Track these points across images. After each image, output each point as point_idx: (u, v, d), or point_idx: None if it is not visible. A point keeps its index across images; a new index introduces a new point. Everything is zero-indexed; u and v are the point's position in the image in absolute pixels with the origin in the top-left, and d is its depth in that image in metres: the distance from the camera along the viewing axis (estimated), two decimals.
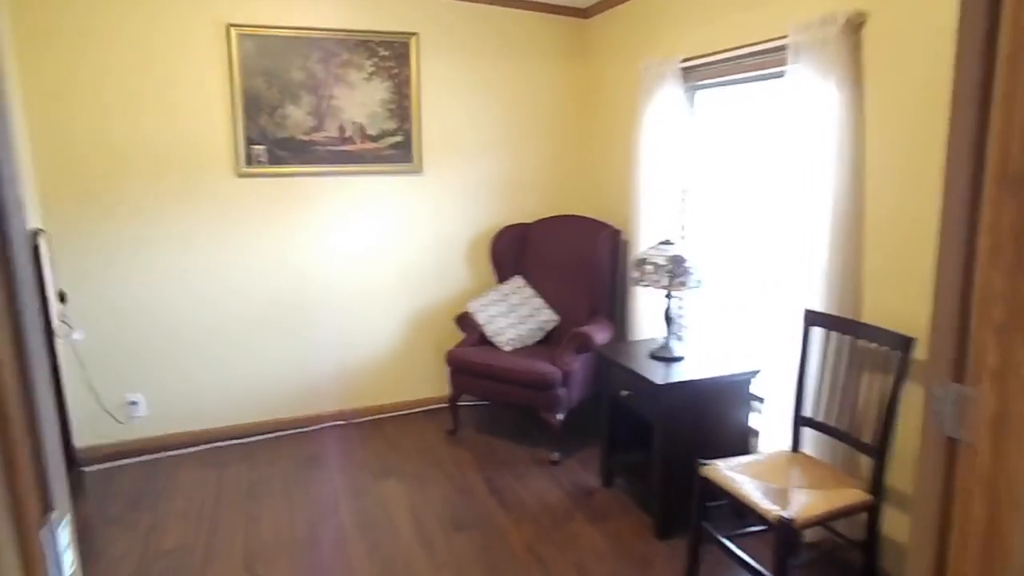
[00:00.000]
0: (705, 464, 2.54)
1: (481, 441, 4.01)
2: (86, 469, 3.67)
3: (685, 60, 3.40)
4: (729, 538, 2.52)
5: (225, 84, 3.77)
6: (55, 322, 3.40)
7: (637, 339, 3.78)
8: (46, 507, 0.83)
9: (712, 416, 2.97)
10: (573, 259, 4.16)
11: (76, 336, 3.64)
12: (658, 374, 2.91)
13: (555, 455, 3.72)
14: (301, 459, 3.80)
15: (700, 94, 3.56)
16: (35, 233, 3.29)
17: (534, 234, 4.38)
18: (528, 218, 4.49)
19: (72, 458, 3.55)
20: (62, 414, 3.46)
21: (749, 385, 3.02)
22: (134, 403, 3.88)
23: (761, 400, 3.07)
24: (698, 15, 3.38)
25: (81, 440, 3.75)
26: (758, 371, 3.00)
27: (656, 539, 2.97)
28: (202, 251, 3.88)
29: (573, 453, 3.82)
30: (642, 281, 3.06)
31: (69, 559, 0.85)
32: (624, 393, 3.14)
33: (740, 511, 2.92)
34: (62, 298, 3.56)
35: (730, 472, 2.50)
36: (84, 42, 3.52)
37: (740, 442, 3.04)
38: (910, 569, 1.21)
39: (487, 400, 3.92)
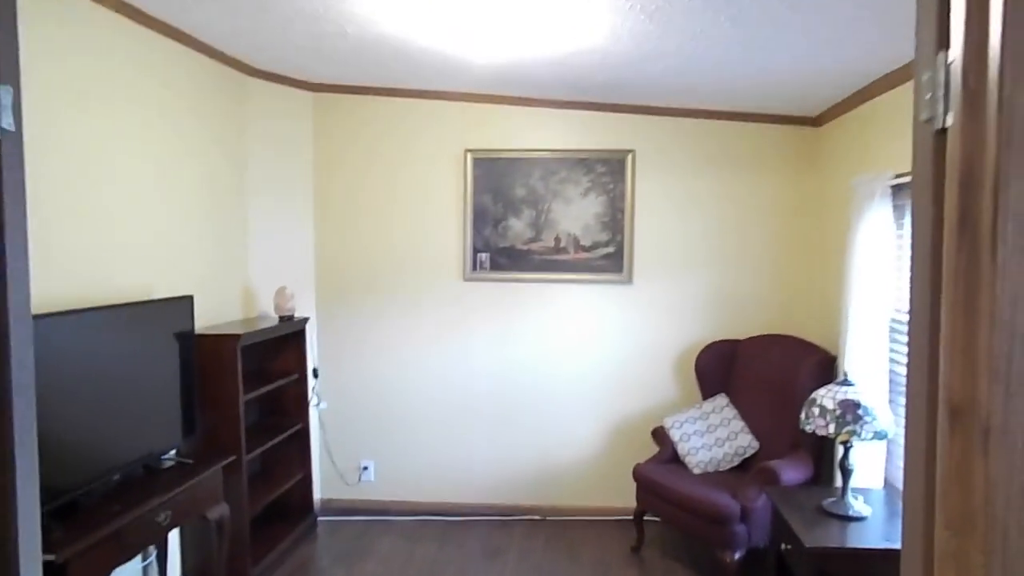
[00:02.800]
0: None
1: (660, 566, 3.82)
2: (320, 518, 4.36)
3: (898, 176, 3.03)
4: None
5: (459, 201, 4.35)
6: (309, 393, 4.18)
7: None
8: None
9: None
10: (780, 383, 3.82)
11: (322, 406, 4.41)
12: (814, 532, 2.55)
13: None
14: (485, 549, 4.02)
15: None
16: (303, 320, 4.13)
17: (743, 352, 4.13)
18: (740, 334, 4.25)
19: (311, 508, 4.25)
20: (307, 469, 4.20)
21: None
22: (365, 468, 4.52)
23: None
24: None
25: (320, 493, 4.47)
26: None
27: None
28: (431, 344, 4.44)
29: None
30: (807, 423, 2.73)
31: None
32: (784, 547, 2.80)
33: None
34: (315, 374, 4.36)
35: None
36: (356, 166, 4.39)
37: None
38: None
39: (667, 523, 3.74)
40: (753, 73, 3.36)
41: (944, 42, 0.87)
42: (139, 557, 3.25)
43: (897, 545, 2.51)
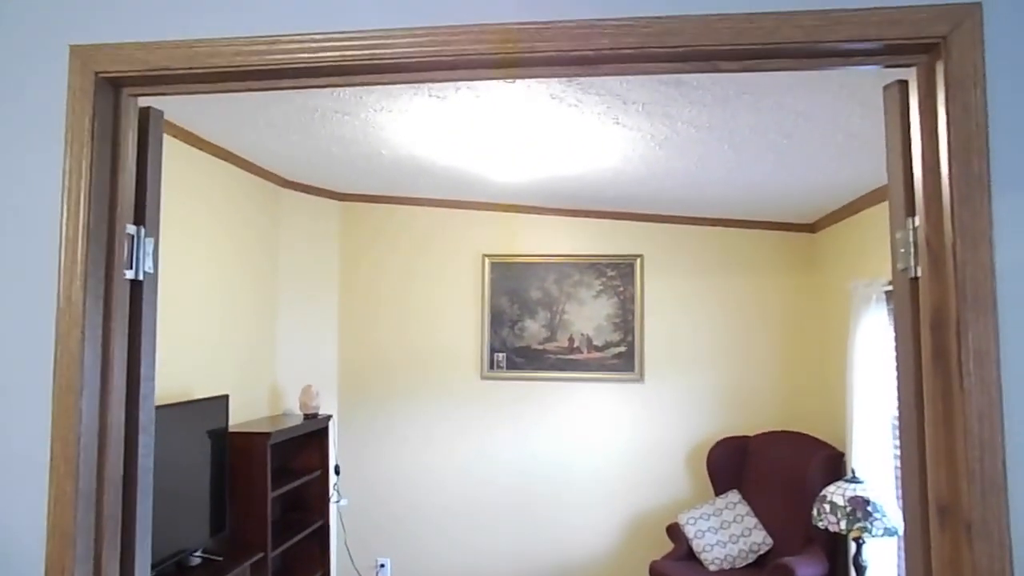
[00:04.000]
0: None
1: None
2: None
3: (891, 282, 3.26)
4: None
5: (477, 302, 4.59)
6: (330, 490, 4.28)
7: None
8: None
9: None
10: (790, 480, 3.93)
11: (343, 503, 4.49)
12: None
13: None
14: None
15: None
16: (327, 418, 4.27)
17: (754, 448, 4.25)
18: (749, 430, 4.39)
19: None
20: (326, 567, 4.24)
21: None
22: (382, 565, 4.55)
23: None
24: None
25: None
26: None
27: None
28: (449, 440, 4.57)
29: None
30: (819, 520, 2.85)
31: None
32: None
33: None
34: (337, 471, 4.47)
35: None
36: (378, 269, 4.65)
37: None
38: None
39: None
40: (752, 188, 3.66)
41: (911, 209, 1.11)
42: None
43: None
